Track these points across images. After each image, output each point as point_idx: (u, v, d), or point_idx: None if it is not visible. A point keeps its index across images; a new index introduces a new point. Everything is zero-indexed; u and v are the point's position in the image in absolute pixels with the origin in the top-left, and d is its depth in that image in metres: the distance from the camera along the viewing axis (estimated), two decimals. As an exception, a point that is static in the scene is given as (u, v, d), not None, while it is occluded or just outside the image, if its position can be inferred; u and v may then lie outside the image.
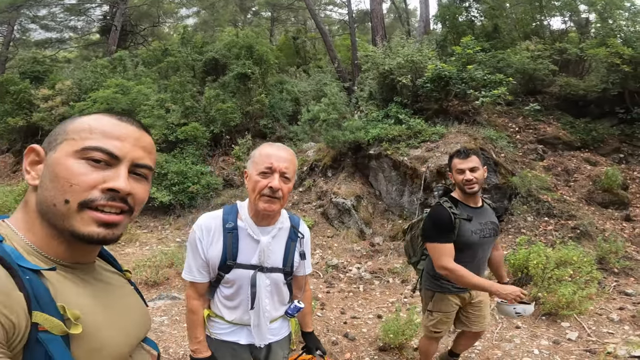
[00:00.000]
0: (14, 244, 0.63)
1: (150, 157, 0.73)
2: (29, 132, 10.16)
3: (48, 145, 0.68)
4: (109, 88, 9.16)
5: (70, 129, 0.68)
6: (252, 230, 1.39)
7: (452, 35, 8.66)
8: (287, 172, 1.33)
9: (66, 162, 0.64)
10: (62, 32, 19.34)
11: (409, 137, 6.14)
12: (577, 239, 4.90)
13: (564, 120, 7.19)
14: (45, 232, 0.66)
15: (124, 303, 0.78)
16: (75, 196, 0.63)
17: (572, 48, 7.27)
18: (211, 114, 8.48)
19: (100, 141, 0.66)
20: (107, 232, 0.66)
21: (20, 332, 0.55)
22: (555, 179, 6.06)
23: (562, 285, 3.61)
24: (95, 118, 0.69)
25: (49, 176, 0.65)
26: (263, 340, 1.47)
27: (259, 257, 1.39)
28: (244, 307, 1.42)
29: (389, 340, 3.06)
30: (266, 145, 1.40)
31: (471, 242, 2.10)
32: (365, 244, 5.75)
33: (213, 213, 1.44)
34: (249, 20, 18.21)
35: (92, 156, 0.65)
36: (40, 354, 0.57)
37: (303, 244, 1.52)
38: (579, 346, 3.19)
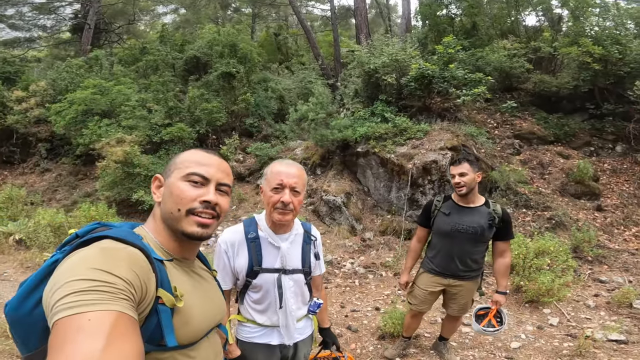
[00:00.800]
0: (148, 242, 0.90)
1: (228, 178, 1.01)
2: (4, 135, 9.81)
3: (165, 174, 0.99)
4: (87, 89, 8.95)
5: (178, 161, 0.98)
6: (272, 238, 1.57)
7: (433, 34, 8.97)
8: (297, 187, 1.50)
9: (177, 184, 0.94)
10: (30, 31, 18.61)
11: (395, 135, 6.38)
12: (553, 229, 5.23)
13: (538, 116, 7.63)
14: (167, 234, 0.95)
15: (209, 293, 1.04)
16: (183, 206, 0.92)
17: (545, 47, 7.70)
18: (196, 113, 8.44)
19: (196, 168, 0.95)
20: (203, 231, 0.93)
21: (148, 300, 0.77)
22: (531, 172, 6.45)
23: (541, 273, 3.88)
24: (192, 153, 1.00)
25: (168, 194, 0.94)
26: (292, 339, 1.64)
27: (281, 261, 1.57)
28: (273, 309, 1.59)
29: (388, 330, 3.32)
30: (276, 163, 1.57)
31: (443, 231, 2.59)
32: (357, 239, 5.96)
33: (234, 228, 1.62)
34: (230, 17, 18.02)
35: (192, 179, 0.94)
36: (154, 320, 0.80)
37: (317, 246, 1.71)
38: (560, 331, 3.48)
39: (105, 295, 0.65)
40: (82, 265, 0.68)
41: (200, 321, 0.93)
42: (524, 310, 3.89)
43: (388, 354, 3.08)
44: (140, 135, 7.91)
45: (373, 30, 11.85)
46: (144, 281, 0.75)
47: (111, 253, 0.73)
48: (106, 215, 6.08)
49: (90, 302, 0.62)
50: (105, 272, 0.68)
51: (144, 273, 0.76)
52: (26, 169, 9.85)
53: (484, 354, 3.14)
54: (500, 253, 2.62)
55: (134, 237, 0.82)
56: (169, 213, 0.92)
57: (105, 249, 0.73)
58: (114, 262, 0.71)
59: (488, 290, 4.11)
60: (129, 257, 0.75)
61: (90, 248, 0.74)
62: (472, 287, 2.69)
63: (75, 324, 0.59)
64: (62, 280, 0.65)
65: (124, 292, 0.68)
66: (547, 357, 3.06)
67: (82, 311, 0.61)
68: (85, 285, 0.64)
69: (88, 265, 0.68)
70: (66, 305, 0.61)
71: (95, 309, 0.62)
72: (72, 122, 8.52)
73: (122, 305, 0.66)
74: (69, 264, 0.70)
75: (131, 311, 0.68)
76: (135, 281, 0.72)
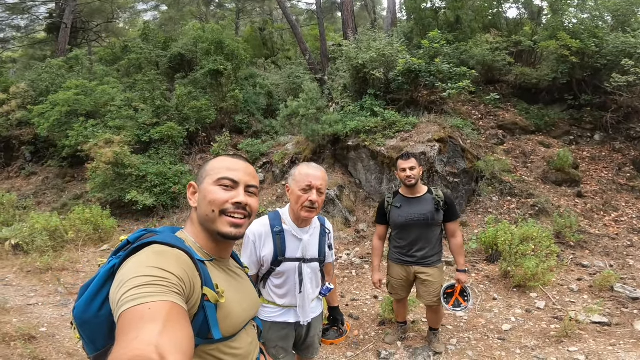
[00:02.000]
0: (189, 244, 1.01)
1: (255, 180, 1.13)
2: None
3: (198, 181, 1.10)
4: (70, 89, 8.87)
5: (208, 168, 1.09)
6: (295, 232, 1.83)
7: (418, 27, 9.25)
8: (322, 188, 1.77)
9: (210, 188, 1.05)
10: (4, 32, 18.14)
11: (384, 128, 6.64)
12: (537, 215, 5.50)
13: (520, 107, 8.02)
14: (205, 236, 1.06)
15: (245, 289, 1.16)
16: (217, 207, 1.03)
17: (526, 40, 8.07)
18: (184, 112, 8.47)
19: (226, 173, 1.07)
20: (237, 231, 1.05)
21: (195, 297, 0.88)
22: (515, 161, 6.78)
23: (527, 259, 4.09)
24: (220, 160, 1.12)
25: (202, 198, 1.06)
26: (306, 318, 1.92)
27: (302, 252, 1.84)
28: (292, 293, 1.86)
29: (388, 316, 3.59)
30: (304, 165, 1.83)
31: (399, 223, 2.85)
32: (351, 231, 6.23)
33: (260, 220, 1.86)
34: (213, 13, 17.89)
35: (223, 183, 1.05)
36: (201, 316, 0.91)
37: (330, 238, 2.00)
38: (547, 314, 3.72)
39: (162, 288, 0.75)
40: (141, 265, 0.79)
41: (239, 314, 1.04)
42: (512, 294, 4.11)
43: (388, 339, 3.34)
44: (129, 136, 7.94)
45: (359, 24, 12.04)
46: (192, 279, 0.85)
47: (164, 255, 0.84)
48: (101, 217, 6.16)
49: (150, 294, 0.72)
50: (161, 269, 0.78)
51: (191, 272, 0.86)
52: (11, 173, 9.74)
53: (478, 336, 3.37)
54: (451, 233, 2.90)
55: (178, 241, 0.92)
56: (204, 215, 1.03)
57: (158, 252, 0.85)
58: (167, 261, 0.82)
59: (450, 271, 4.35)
60: (178, 258, 0.85)
61: (144, 252, 0.85)
62: (438, 273, 2.91)
63: (139, 313, 0.69)
64: (126, 278, 0.76)
65: (176, 287, 0.78)
66: (536, 338, 3.28)
67: (144, 302, 0.71)
68: (145, 280, 0.75)
69: (146, 264, 0.79)
70: (131, 298, 0.71)
71: (154, 299, 0.71)
72: (56, 123, 8.46)
73: (175, 297, 0.76)
74: (129, 265, 0.81)
75: (182, 303, 0.77)
76: (185, 278, 0.82)
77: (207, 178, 1.07)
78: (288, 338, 1.93)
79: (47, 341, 3.31)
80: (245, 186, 1.08)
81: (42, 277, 4.76)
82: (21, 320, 3.67)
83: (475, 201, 6.02)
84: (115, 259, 0.88)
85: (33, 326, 3.44)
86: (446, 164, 5.97)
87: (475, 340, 3.33)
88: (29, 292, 4.41)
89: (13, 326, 3.45)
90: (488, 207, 5.87)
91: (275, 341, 1.89)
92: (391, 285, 3.08)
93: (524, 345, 3.21)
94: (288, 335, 1.92)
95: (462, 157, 6.11)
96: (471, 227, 5.61)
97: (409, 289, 3.11)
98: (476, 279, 4.52)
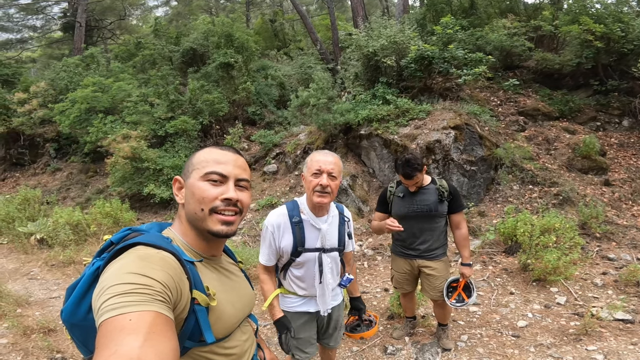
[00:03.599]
0: (177, 244, 0.94)
1: (246, 173, 1.02)
2: (10, 138, 9.88)
3: (184, 175, 0.99)
4: (87, 87, 8.93)
5: (195, 162, 0.98)
6: (314, 221, 1.76)
7: (431, 14, 8.84)
8: (333, 172, 1.70)
9: (197, 184, 0.94)
10: (21, 32, 18.43)
11: (397, 116, 6.41)
12: (560, 205, 5.16)
13: (542, 93, 7.59)
14: (195, 234, 0.97)
15: (238, 286, 1.08)
16: (206, 205, 0.93)
17: (546, 25, 7.61)
18: (198, 105, 8.44)
19: (214, 167, 0.96)
20: (228, 229, 0.95)
21: (183, 302, 0.81)
22: (537, 149, 6.39)
23: (548, 251, 3.79)
24: (207, 151, 1.00)
25: (190, 195, 0.95)
26: (326, 307, 1.86)
27: (321, 241, 1.77)
28: (312, 283, 1.80)
29: (397, 310, 3.42)
30: (316, 152, 1.78)
31: (401, 214, 2.69)
32: (364, 221, 6.08)
33: (278, 211, 1.79)
34: (223, 6, 17.67)
35: (211, 178, 0.95)
36: (192, 320, 0.85)
37: (350, 226, 1.90)
38: (568, 310, 3.46)
39: (144, 296, 0.69)
40: (122, 271, 0.73)
41: (232, 315, 0.98)
42: (531, 289, 3.86)
43: (396, 334, 3.18)
44: (145, 130, 7.96)
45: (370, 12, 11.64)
46: (178, 283, 0.78)
47: (147, 259, 0.77)
48: (120, 211, 6.20)
49: (131, 303, 0.66)
50: (143, 275, 0.72)
51: (177, 276, 0.79)
52: (37, 169, 9.94)
53: (491, 332, 3.18)
54: (456, 225, 2.72)
55: (164, 242, 0.85)
56: (193, 214, 0.94)
57: (141, 256, 0.77)
58: (151, 266, 0.75)
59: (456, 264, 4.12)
60: (163, 261, 0.78)
61: (127, 255, 0.78)
62: (443, 267, 2.76)
63: (119, 324, 0.64)
64: (106, 285, 0.70)
65: (160, 294, 0.72)
66: (553, 336, 3.08)
67: (124, 312, 0.65)
68: (126, 288, 0.68)
69: (127, 270, 0.73)
70: (110, 307, 0.66)
71: (135, 309, 0.66)
72: (77, 120, 8.56)
73: (159, 306, 0.70)
74: (111, 271, 0.75)
75: (167, 311, 0.71)
76: (170, 283, 0.76)
77: (194, 172, 0.96)
78: (310, 328, 1.89)
79: (65, 334, 3.29)
80: (235, 180, 0.97)
81: (65, 270, 4.82)
82: (43, 313, 3.70)
83: (494, 190, 5.74)
84: (99, 261, 0.83)
85: (53, 319, 3.45)
86: (462, 152, 5.72)
87: (487, 337, 3.14)
88: (52, 285, 4.46)
89: (34, 319, 3.48)
90: (508, 196, 5.57)
91: (296, 331, 1.82)
92: (396, 279, 2.94)
93: (539, 343, 3.00)
94: (310, 325, 1.88)
95: (480, 144, 5.83)
96: (489, 216, 5.34)
97: (415, 283, 2.95)
98: (493, 271, 4.28)
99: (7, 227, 6.02)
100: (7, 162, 10.22)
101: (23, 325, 3.26)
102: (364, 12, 11.00)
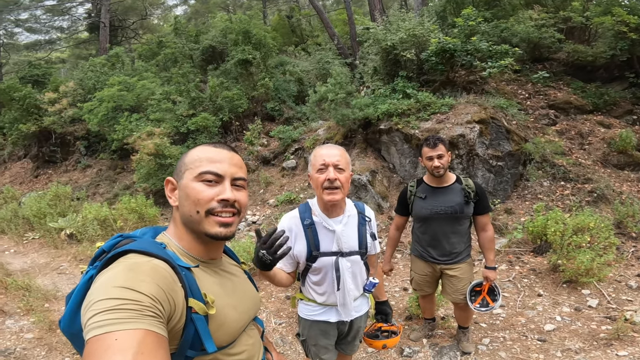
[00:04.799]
0: (172, 249, 0.87)
1: (242, 171, 0.95)
2: (42, 136, 10.18)
3: (176, 175, 0.91)
4: (113, 86, 9.07)
5: (188, 161, 0.90)
6: (326, 222, 1.57)
7: (451, 6, 8.45)
8: (340, 164, 1.51)
9: (191, 185, 0.88)
10: (49, 34, 18.93)
11: (418, 110, 6.18)
12: (595, 202, 4.83)
13: (574, 86, 7.14)
14: (191, 238, 0.90)
15: (241, 289, 1.00)
16: (202, 207, 0.86)
17: (576, 16, 7.16)
18: (218, 102, 8.44)
19: (208, 166, 0.88)
20: (227, 231, 0.88)
21: (178, 313, 0.75)
22: (569, 143, 6.00)
23: (581, 252, 3.57)
24: (200, 150, 0.92)
25: (184, 197, 0.88)
26: (349, 317, 1.69)
27: (337, 244, 1.58)
28: (331, 290, 1.62)
29: (416, 311, 3.26)
30: (318, 147, 1.60)
31: (422, 216, 2.50)
32: (384, 217, 5.92)
33: (291, 214, 1.64)
34: (240, 3, 17.60)
35: (206, 178, 0.88)
36: (191, 329, 0.79)
37: (372, 226, 1.70)
38: (599, 313, 3.24)
39: (131, 313, 0.64)
40: (109, 285, 0.68)
41: (236, 320, 0.91)
42: (561, 291, 3.64)
43: (413, 336, 3.03)
44: (168, 127, 8.03)
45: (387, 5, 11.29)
46: (170, 294, 0.73)
47: (136, 270, 0.72)
48: (145, 206, 6.27)
49: (116, 321, 0.62)
50: (131, 289, 0.67)
51: (169, 286, 0.74)
52: (68, 166, 10.23)
53: (515, 336, 3.00)
54: (481, 227, 2.51)
55: (156, 248, 0.79)
56: (188, 216, 0.87)
57: (130, 267, 0.72)
58: (139, 278, 0.70)
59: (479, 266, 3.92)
60: (153, 271, 0.73)
61: (116, 266, 0.73)
62: (466, 269, 2.57)
63: (104, 344, 0.60)
64: (93, 300, 0.66)
65: (150, 309, 0.67)
66: (582, 340, 2.89)
67: (109, 330, 0.61)
68: (111, 304, 0.64)
69: (114, 284, 0.68)
70: (95, 325, 0.62)
71: (121, 328, 0.61)
72: (104, 119, 8.72)
73: (149, 323, 0.65)
74: (99, 283, 0.70)
75: (158, 328, 0.66)
76: (161, 296, 0.70)
77: (187, 172, 0.89)
78: (329, 335, 1.72)
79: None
80: (231, 179, 0.90)
81: (93, 265, 4.87)
82: (69, 308, 3.74)
83: (522, 186, 5.43)
84: (93, 269, 0.79)
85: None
86: (488, 147, 5.44)
87: (510, 341, 2.95)
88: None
89: (60, 314, 3.49)
90: (537, 193, 5.25)
91: (315, 338, 1.69)
92: (415, 281, 2.75)
93: (566, 347, 2.80)
94: (329, 333, 1.72)
95: (507, 138, 5.53)
96: (517, 214, 5.06)
97: (436, 285, 2.76)
98: (520, 272, 4.05)
99: (39, 223, 6.19)
100: (40, 159, 10.56)
101: (49, 320, 3.30)
102: (381, 5, 10.67)
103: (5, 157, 12.02)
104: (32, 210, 6.37)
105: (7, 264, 5.11)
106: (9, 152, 11.83)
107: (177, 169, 0.92)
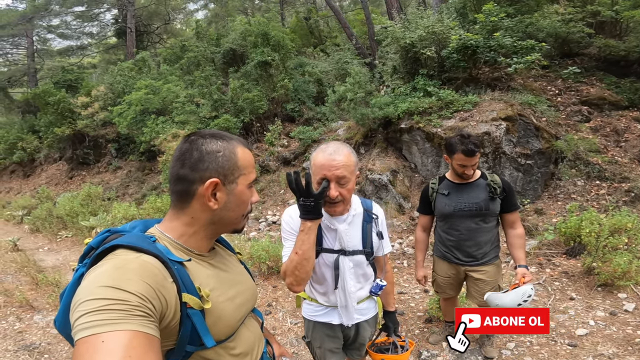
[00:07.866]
0: (163, 242, 0.81)
1: None
2: (76, 139, 10.46)
3: (225, 178, 0.85)
4: (140, 90, 9.19)
5: (241, 165, 0.87)
6: (328, 221, 1.44)
7: (471, 2, 8.05)
8: (343, 174, 1.32)
9: (246, 192, 0.90)
10: (80, 39, 19.45)
11: (440, 109, 5.91)
12: (632, 202, 4.51)
13: (607, 81, 6.66)
14: (204, 235, 0.87)
15: (237, 279, 0.95)
16: (246, 210, 0.91)
17: (605, 10, 6.68)
18: (239, 104, 8.41)
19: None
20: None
21: (171, 310, 0.71)
22: (604, 140, 5.61)
23: (618, 254, 3.35)
24: (247, 153, 0.91)
25: (236, 202, 0.87)
26: (351, 320, 1.54)
27: (340, 243, 1.45)
28: (331, 289, 1.49)
29: (435, 313, 3.09)
30: (319, 152, 1.37)
31: (446, 213, 2.31)
32: (405, 218, 5.71)
33: (295, 207, 1.46)
34: (258, 6, 17.57)
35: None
36: (188, 325, 0.75)
37: (379, 225, 1.54)
38: (636, 317, 3.03)
39: (119, 313, 0.61)
40: (95, 284, 0.64)
41: (233, 313, 0.87)
42: (595, 294, 3.39)
43: (432, 339, 2.85)
44: (192, 129, 8.06)
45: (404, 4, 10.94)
46: (160, 291, 0.69)
47: (123, 267, 0.68)
48: (169, 206, 6.30)
49: (103, 323, 0.59)
50: (118, 289, 0.63)
51: (158, 282, 0.69)
52: (100, 168, 10.48)
53: (543, 340, 2.78)
54: (510, 225, 2.28)
55: (146, 242, 0.75)
56: (231, 219, 0.88)
57: (117, 265, 0.68)
58: (127, 276, 0.66)
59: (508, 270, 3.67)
60: (141, 268, 0.69)
61: (104, 263, 0.70)
62: (494, 271, 2.35)
63: (92, 346, 0.57)
64: (79, 300, 0.63)
65: (138, 309, 0.63)
66: (617, 345, 2.69)
67: (95, 332, 0.58)
68: (98, 305, 0.61)
69: (101, 283, 0.64)
70: (82, 326, 0.59)
71: (108, 329, 0.59)
72: (133, 122, 8.85)
73: (137, 323, 0.61)
74: (86, 282, 0.67)
75: (147, 328, 0.63)
76: (151, 294, 0.67)
77: (242, 178, 0.88)
78: (334, 339, 1.58)
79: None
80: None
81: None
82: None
83: (554, 186, 5.08)
84: (82, 267, 0.76)
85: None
86: (516, 145, 5.12)
87: (538, 345, 2.74)
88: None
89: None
90: (570, 192, 4.91)
91: (320, 340, 1.56)
92: (437, 284, 2.54)
93: (599, 353, 2.59)
94: (334, 337, 1.57)
95: (536, 136, 5.18)
96: (548, 215, 4.75)
97: (459, 287, 2.54)
98: (551, 274, 3.79)
99: (72, 222, 6.31)
100: (74, 161, 10.86)
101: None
102: (398, 4, 10.35)
103: (41, 159, 12.45)
104: (66, 210, 6.51)
105: (40, 260, 5.21)
106: (45, 154, 12.25)
107: (224, 170, 0.84)
